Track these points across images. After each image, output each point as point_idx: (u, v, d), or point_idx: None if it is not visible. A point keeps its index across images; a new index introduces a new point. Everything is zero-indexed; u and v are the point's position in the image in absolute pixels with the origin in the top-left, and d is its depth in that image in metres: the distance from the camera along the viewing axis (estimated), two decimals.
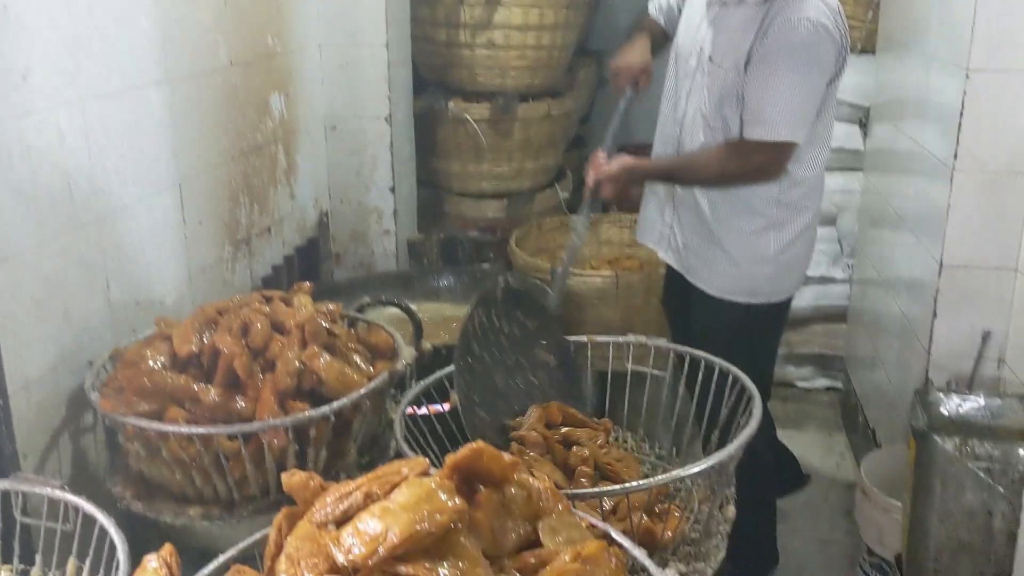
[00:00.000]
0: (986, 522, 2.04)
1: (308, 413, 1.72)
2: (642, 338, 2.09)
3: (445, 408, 1.93)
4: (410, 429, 1.82)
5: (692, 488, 1.75)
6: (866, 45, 3.43)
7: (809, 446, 3.48)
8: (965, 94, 2.30)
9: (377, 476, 1.16)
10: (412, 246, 3.51)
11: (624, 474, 1.79)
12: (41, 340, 1.81)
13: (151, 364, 1.80)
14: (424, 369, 2.03)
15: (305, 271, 3.10)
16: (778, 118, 2.25)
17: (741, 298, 2.48)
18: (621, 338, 2.11)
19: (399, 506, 1.08)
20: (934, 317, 2.48)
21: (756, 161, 2.33)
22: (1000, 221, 2.36)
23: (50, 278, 1.82)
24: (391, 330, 2.08)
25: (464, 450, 1.20)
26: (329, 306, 2.03)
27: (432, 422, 1.90)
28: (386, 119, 3.25)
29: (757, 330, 2.53)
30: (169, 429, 1.69)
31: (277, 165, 2.88)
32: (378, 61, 3.18)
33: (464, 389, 1.85)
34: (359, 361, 1.93)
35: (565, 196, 4.01)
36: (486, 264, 3.45)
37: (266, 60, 2.77)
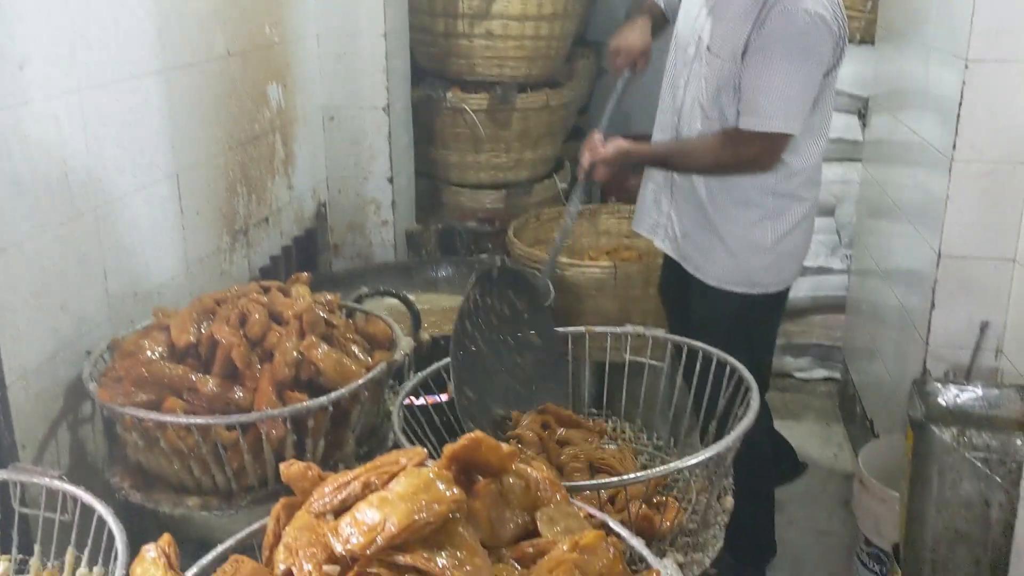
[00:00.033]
0: (983, 512, 2.04)
1: (306, 403, 1.72)
2: (640, 329, 2.09)
3: (443, 399, 1.93)
4: (408, 420, 1.82)
5: (690, 479, 1.75)
6: (865, 35, 3.42)
7: (807, 436, 3.49)
8: (964, 84, 2.30)
9: (375, 466, 1.16)
10: (410, 237, 3.50)
11: (620, 467, 1.79)
12: (39, 330, 1.81)
13: (149, 354, 1.80)
14: (422, 360, 2.03)
15: (303, 262, 3.09)
16: (773, 109, 2.25)
17: (739, 288, 2.48)
18: (619, 329, 2.11)
19: (397, 496, 1.08)
20: (932, 308, 2.48)
21: (750, 151, 2.32)
22: (999, 212, 2.36)
23: (48, 268, 1.82)
24: (389, 320, 2.08)
25: (462, 440, 1.20)
26: (327, 296, 2.03)
27: (430, 413, 1.90)
28: (384, 109, 3.24)
29: (755, 320, 2.53)
30: (167, 419, 1.68)
31: (275, 155, 2.88)
32: (376, 51, 3.17)
33: (457, 369, 1.85)
34: (357, 352, 1.93)
35: (563, 187, 4.00)
36: (484, 255, 3.45)
37: (264, 50, 2.76)
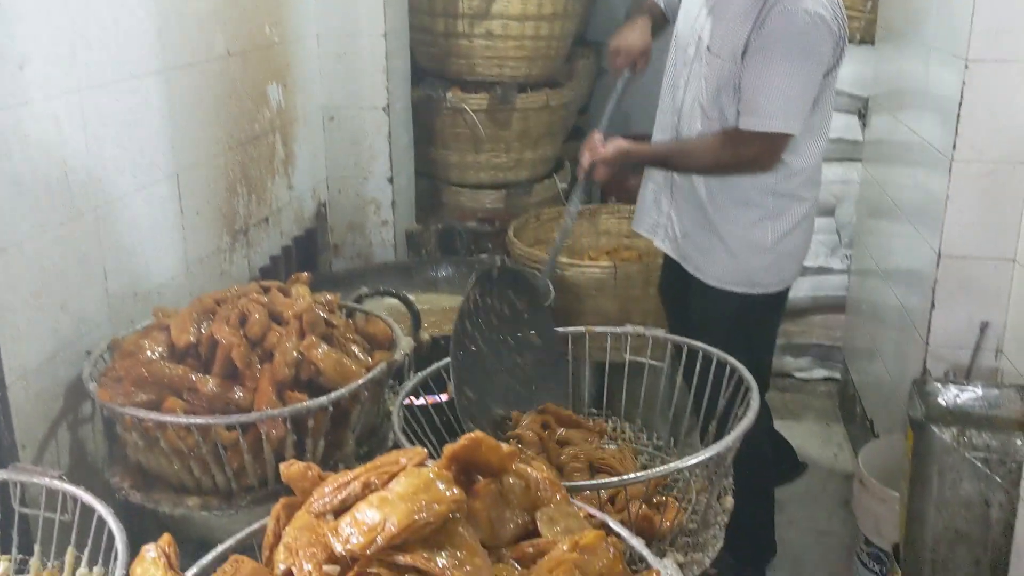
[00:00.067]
0: (983, 512, 2.04)
1: (306, 403, 1.72)
2: (640, 329, 2.09)
3: (443, 399, 1.92)
4: (408, 420, 1.82)
5: (690, 479, 1.75)
6: (865, 35, 3.42)
7: (807, 437, 3.49)
8: (964, 84, 2.30)
9: (375, 466, 1.16)
10: (410, 237, 3.50)
11: (619, 467, 1.79)
12: (39, 330, 1.80)
13: (149, 354, 1.80)
14: (422, 360, 2.03)
15: (303, 262, 3.09)
16: (772, 109, 2.25)
17: (739, 288, 2.48)
18: (619, 329, 2.11)
19: (397, 496, 1.07)
20: (932, 308, 2.48)
21: (750, 151, 2.32)
22: (999, 212, 2.36)
23: (48, 268, 1.82)
24: (389, 320, 2.08)
25: (462, 440, 1.20)
26: (327, 296, 2.02)
27: (430, 413, 1.89)
28: (384, 109, 3.24)
29: (755, 320, 2.53)
30: (167, 419, 1.68)
31: (275, 155, 2.88)
32: (376, 51, 3.17)
33: (457, 369, 1.85)
34: (357, 352, 1.92)
35: (563, 187, 4.00)
36: (484, 255, 3.45)
37: (264, 50, 2.76)
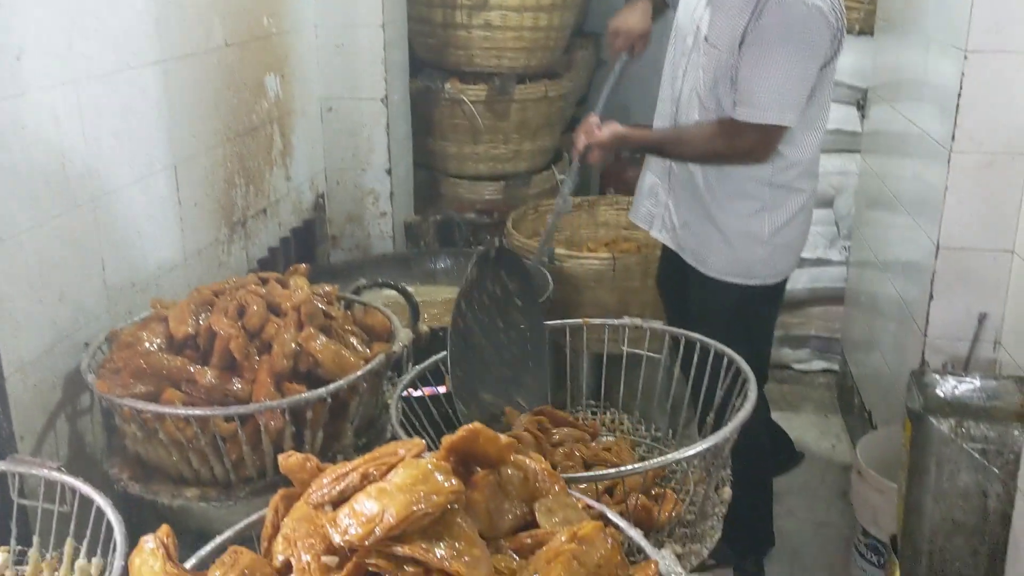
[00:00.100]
0: (981, 503, 2.05)
1: (304, 395, 1.72)
2: (638, 320, 2.09)
3: (441, 391, 1.92)
4: (406, 412, 1.82)
5: (688, 470, 1.75)
6: (864, 26, 3.41)
7: (805, 428, 3.49)
8: (963, 75, 2.29)
9: (374, 457, 1.16)
10: (409, 228, 3.50)
11: (617, 460, 1.79)
12: (37, 322, 1.80)
13: (147, 346, 1.80)
14: (421, 351, 2.02)
15: (301, 253, 3.09)
16: (768, 101, 2.25)
17: (737, 279, 2.48)
18: (617, 321, 2.11)
19: (396, 487, 1.07)
20: (931, 299, 2.48)
21: (744, 142, 2.32)
22: (997, 203, 2.36)
23: (45, 260, 1.82)
24: (388, 312, 2.08)
25: (460, 431, 1.20)
26: (325, 288, 2.02)
27: (428, 404, 1.89)
28: (382, 100, 3.23)
29: (753, 312, 2.53)
30: (166, 411, 1.68)
31: (273, 146, 2.87)
32: (374, 42, 3.16)
33: (454, 352, 1.85)
34: (356, 343, 1.93)
35: (562, 178, 3.99)
36: (482, 247, 3.45)
37: (261, 41, 2.75)
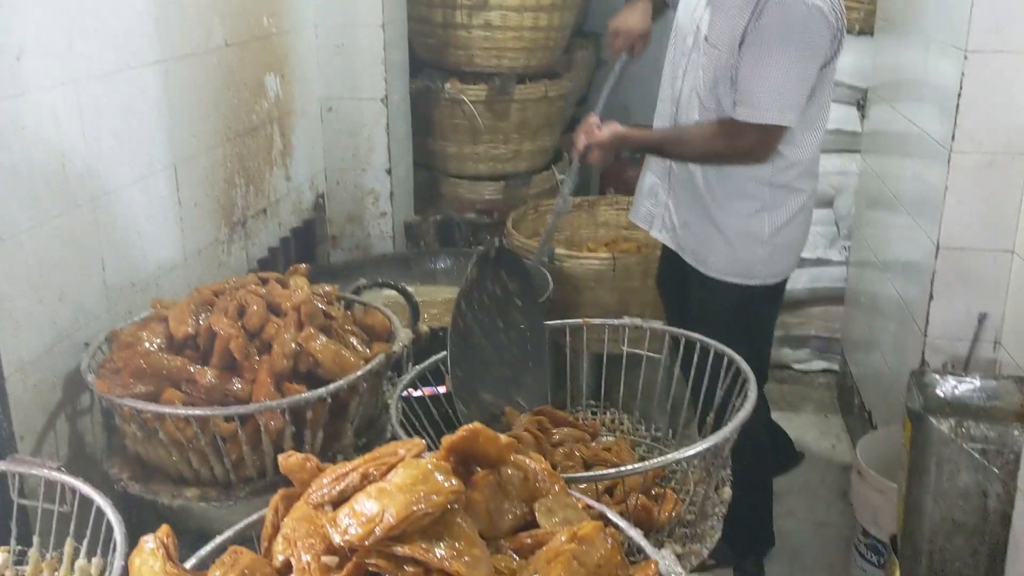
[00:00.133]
0: (981, 503, 2.05)
1: (304, 395, 1.72)
2: (638, 320, 2.09)
3: (441, 391, 1.92)
4: (406, 412, 1.82)
5: (688, 470, 1.75)
6: (864, 26, 3.42)
7: (805, 428, 3.49)
8: (963, 75, 2.29)
9: (374, 457, 1.16)
10: (409, 228, 3.50)
11: (616, 459, 1.79)
12: (37, 321, 1.80)
13: (147, 345, 1.80)
14: (421, 351, 2.02)
15: (301, 253, 3.09)
16: (767, 101, 2.25)
17: (737, 279, 2.48)
18: (617, 321, 2.11)
19: (396, 487, 1.07)
20: (931, 299, 2.48)
21: (744, 142, 2.32)
22: (997, 203, 2.36)
23: (45, 260, 1.82)
24: (388, 312, 2.08)
25: (460, 431, 1.20)
26: (325, 288, 2.02)
27: (428, 404, 1.89)
28: (382, 100, 3.23)
29: (753, 312, 2.53)
30: (166, 411, 1.68)
31: (273, 146, 2.87)
32: (374, 42, 3.16)
33: (453, 345, 1.85)
34: (356, 343, 1.92)
35: (562, 178, 3.99)
36: (482, 247, 3.45)
37: (261, 40, 2.75)
